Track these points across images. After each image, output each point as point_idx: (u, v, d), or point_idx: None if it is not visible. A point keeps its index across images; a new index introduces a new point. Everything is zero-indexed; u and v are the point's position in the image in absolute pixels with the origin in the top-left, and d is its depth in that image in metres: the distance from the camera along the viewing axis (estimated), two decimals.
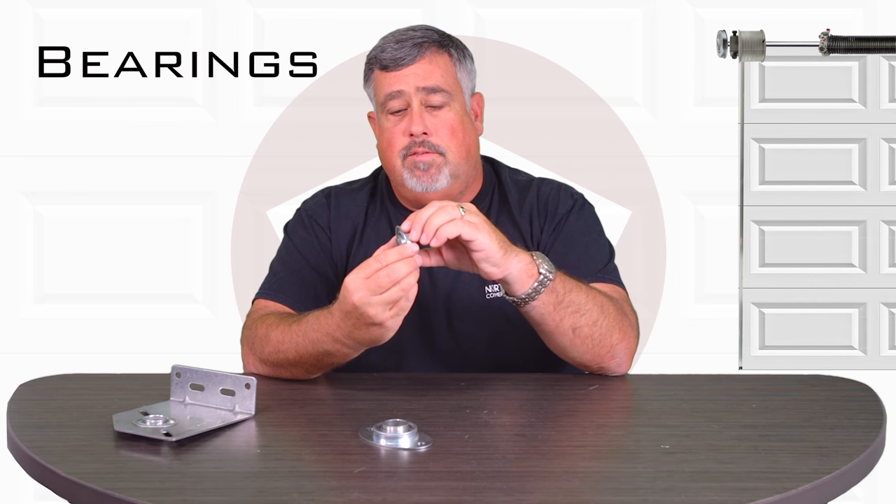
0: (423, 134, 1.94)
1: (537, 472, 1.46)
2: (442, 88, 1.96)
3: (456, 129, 1.96)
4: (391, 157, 1.98)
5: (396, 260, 1.63)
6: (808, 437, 1.57)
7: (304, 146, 2.98)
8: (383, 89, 1.97)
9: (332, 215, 2.05)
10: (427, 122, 1.95)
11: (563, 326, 1.77)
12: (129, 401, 1.67)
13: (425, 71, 1.96)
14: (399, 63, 1.95)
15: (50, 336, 3.03)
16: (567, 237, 1.99)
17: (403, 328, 1.85)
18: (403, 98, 1.96)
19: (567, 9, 3.01)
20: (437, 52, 1.98)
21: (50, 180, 3.02)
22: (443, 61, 1.98)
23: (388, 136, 1.98)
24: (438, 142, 1.95)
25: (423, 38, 1.98)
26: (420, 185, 1.96)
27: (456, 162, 1.96)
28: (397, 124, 1.96)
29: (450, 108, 1.96)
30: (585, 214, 2.03)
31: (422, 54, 1.96)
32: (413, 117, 1.94)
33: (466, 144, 1.98)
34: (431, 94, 1.95)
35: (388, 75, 1.97)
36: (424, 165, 1.95)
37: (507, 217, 2.03)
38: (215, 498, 1.38)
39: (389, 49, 1.97)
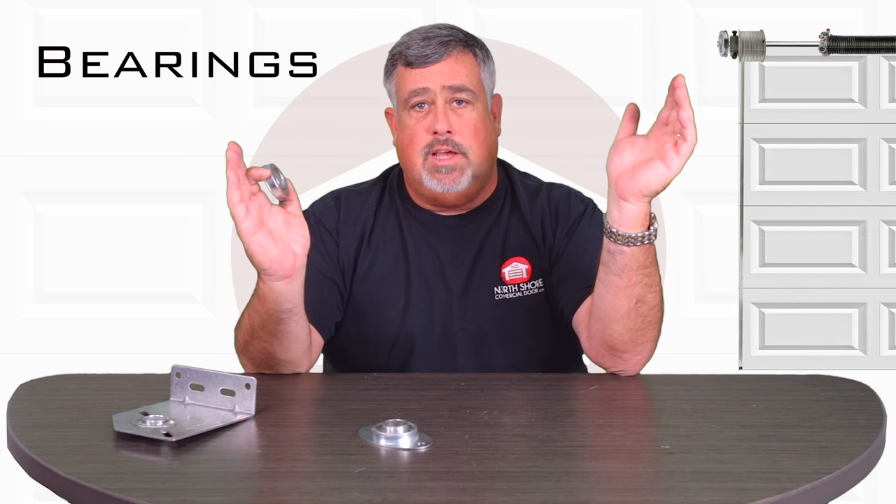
0: (448, 133, 1.94)
1: (537, 472, 1.46)
2: (467, 87, 1.96)
3: (479, 129, 1.96)
4: (412, 155, 1.97)
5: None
6: (809, 437, 1.57)
7: (304, 146, 2.98)
8: (408, 86, 1.97)
9: (342, 219, 2.04)
10: (452, 120, 1.94)
11: (632, 291, 1.75)
12: (129, 401, 1.67)
13: (451, 69, 1.96)
14: (426, 60, 1.95)
15: (50, 336, 3.03)
16: (580, 240, 1.99)
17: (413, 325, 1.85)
18: (428, 95, 1.95)
19: (567, 9, 3.01)
20: (463, 52, 1.98)
21: (50, 180, 3.02)
22: (468, 61, 1.98)
23: (409, 133, 1.97)
24: (462, 141, 1.95)
25: (449, 36, 1.98)
26: (441, 186, 1.96)
27: (478, 162, 1.96)
28: (420, 121, 1.96)
29: (473, 107, 1.96)
30: (598, 219, 2.03)
31: (449, 53, 1.96)
32: (438, 115, 1.94)
33: (488, 145, 1.98)
34: (457, 93, 1.95)
35: (413, 72, 1.96)
36: (447, 169, 1.94)
37: (518, 220, 2.03)
38: (215, 498, 1.38)
39: (416, 45, 1.97)
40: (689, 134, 1.62)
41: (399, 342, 1.98)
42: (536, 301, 1.99)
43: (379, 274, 1.99)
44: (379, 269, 2.00)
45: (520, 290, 1.99)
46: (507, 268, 2.00)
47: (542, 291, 1.99)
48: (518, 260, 2.00)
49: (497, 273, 1.99)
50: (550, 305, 1.99)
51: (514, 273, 2.00)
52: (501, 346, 1.99)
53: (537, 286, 1.99)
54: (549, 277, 2.00)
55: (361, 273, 2.00)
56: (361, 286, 1.99)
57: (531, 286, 1.99)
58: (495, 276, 1.99)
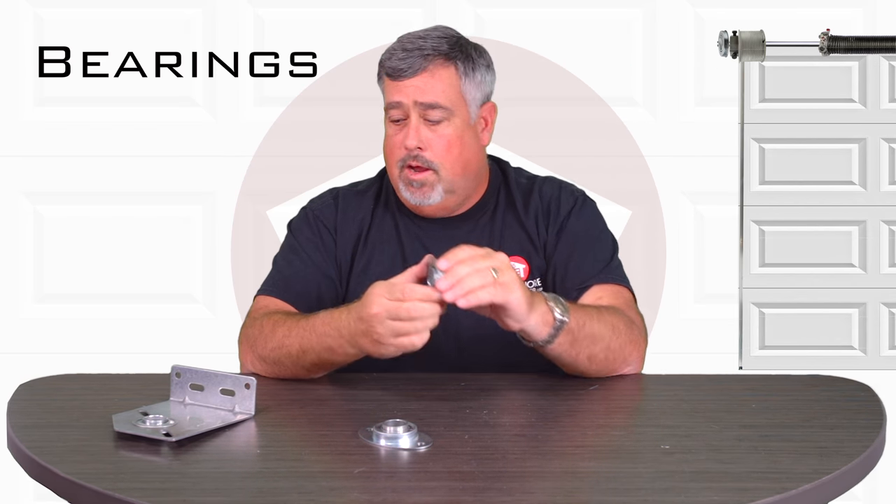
0: (418, 149, 1.95)
1: (537, 472, 1.46)
2: (440, 105, 1.95)
3: (453, 144, 1.96)
4: (390, 165, 2.00)
5: (421, 298, 1.65)
6: (809, 438, 1.57)
7: (304, 146, 2.98)
8: (387, 97, 1.99)
9: (340, 217, 2.05)
10: (423, 136, 1.95)
11: (580, 358, 1.80)
12: (129, 400, 1.67)
13: (426, 85, 1.95)
14: (401, 74, 1.95)
15: (50, 336, 3.03)
16: (569, 237, 2.00)
17: None
18: (402, 110, 1.96)
19: (567, 9, 3.01)
20: (443, 65, 1.96)
21: (50, 180, 3.02)
22: (446, 75, 1.97)
23: (388, 144, 1.99)
24: (432, 157, 1.95)
25: (431, 49, 1.96)
26: (414, 199, 1.98)
27: (450, 178, 1.97)
28: (397, 134, 1.97)
29: (449, 123, 1.96)
30: (587, 212, 2.04)
31: (424, 67, 1.95)
32: (409, 131, 1.95)
33: (464, 159, 1.98)
34: (429, 110, 1.95)
35: (391, 83, 1.97)
36: (417, 183, 1.96)
37: (513, 218, 2.03)
38: (215, 498, 1.38)
39: (395, 57, 1.97)
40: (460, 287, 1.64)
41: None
42: None
43: (375, 273, 1.99)
44: (375, 268, 2.00)
45: None
46: None
47: (539, 290, 1.99)
48: (515, 259, 2.00)
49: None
50: None
51: None
52: (500, 346, 1.98)
53: (535, 285, 1.99)
54: (545, 277, 2.00)
55: (358, 272, 2.01)
56: (358, 285, 1.99)
57: (528, 285, 1.99)
58: None
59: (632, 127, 2.98)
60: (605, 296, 1.94)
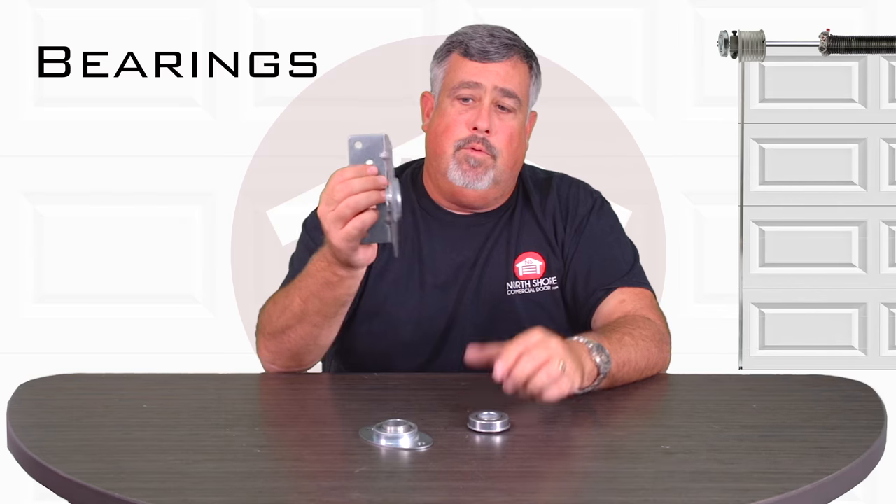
0: (486, 132, 1.94)
1: (537, 472, 1.46)
2: (516, 95, 1.96)
3: (514, 136, 1.97)
4: (444, 143, 1.97)
5: (353, 176, 1.61)
6: (809, 438, 1.57)
7: (304, 146, 2.98)
8: (460, 75, 1.97)
9: None
10: (493, 121, 1.95)
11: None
12: (129, 401, 1.67)
13: (508, 73, 1.96)
14: (486, 56, 1.96)
15: (50, 336, 3.03)
16: (590, 239, 2.01)
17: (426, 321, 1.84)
18: (478, 91, 1.95)
19: (567, 9, 3.00)
20: (522, 60, 1.99)
21: (50, 180, 3.02)
22: (524, 70, 1.99)
23: (447, 122, 1.97)
24: (496, 143, 1.95)
25: (512, 41, 1.99)
26: (463, 179, 1.96)
27: (502, 168, 1.97)
28: (462, 114, 1.96)
29: (515, 116, 1.97)
30: (605, 214, 2.05)
31: (509, 56, 1.97)
32: (482, 112, 1.94)
33: (517, 154, 1.99)
34: (506, 97, 1.96)
35: (470, 64, 1.96)
36: (475, 161, 1.94)
37: (531, 217, 2.03)
38: (215, 498, 1.38)
39: (480, 39, 1.97)
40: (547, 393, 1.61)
41: (412, 338, 1.98)
42: (548, 298, 1.99)
43: (393, 270, 1.99)
44: (392, 268, 1.99)
45: (532, 286, 1.99)
46: (520, 262, 2.00)
47: (555, 289, 2.00)
48: (532, 255, 2.00)
49: (511, 268, 2.00)
50: (564, 304, 2.00)
51: (527, 269, 2.00)
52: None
53: (550, 283, 2.00)
54: (562, 276, 2.00)
55: (377, 270, 2.00)
56: (375, 285, 1.99)
57: (544, 283, 2.00)
58: (509, 272, 2.00)
59: (632, 127, 2.98)
60: (629, 298, 1.95)
